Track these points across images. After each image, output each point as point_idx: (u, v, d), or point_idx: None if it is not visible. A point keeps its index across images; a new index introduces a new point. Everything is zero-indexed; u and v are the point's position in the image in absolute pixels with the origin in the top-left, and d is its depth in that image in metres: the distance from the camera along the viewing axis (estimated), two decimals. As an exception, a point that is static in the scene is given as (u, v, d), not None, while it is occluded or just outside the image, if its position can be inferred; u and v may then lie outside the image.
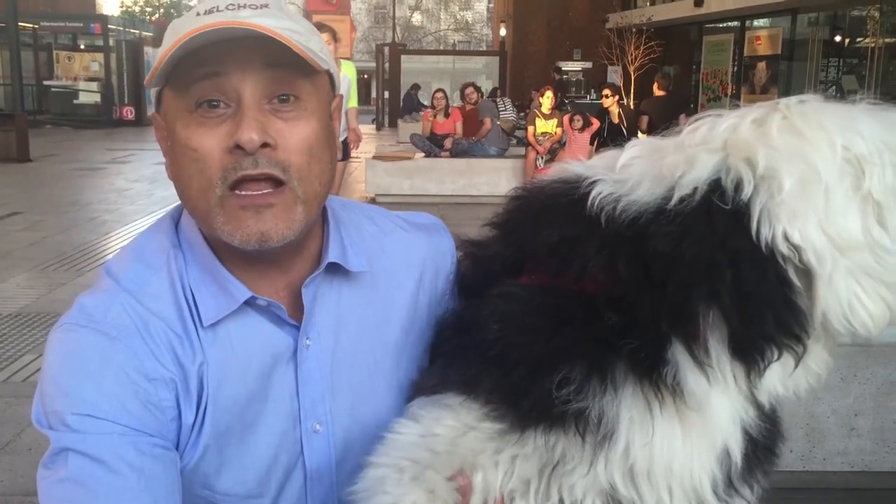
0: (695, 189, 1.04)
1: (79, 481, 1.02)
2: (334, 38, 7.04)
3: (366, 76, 48.76)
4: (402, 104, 25.42)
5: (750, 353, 1.03)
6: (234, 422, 1.14)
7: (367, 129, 26.76)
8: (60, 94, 25.38)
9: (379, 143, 20.49)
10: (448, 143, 12.19)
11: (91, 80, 25.59)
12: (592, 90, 24.88)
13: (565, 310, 1.09)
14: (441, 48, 48.25)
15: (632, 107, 14.50)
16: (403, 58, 28.72)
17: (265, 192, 1.07)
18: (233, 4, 1.07)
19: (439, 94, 13.20)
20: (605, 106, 12.28)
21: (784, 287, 1.01)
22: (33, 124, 19.46)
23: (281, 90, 1.08)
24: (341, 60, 7.21)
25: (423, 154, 12.23)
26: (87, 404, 1.04)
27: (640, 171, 1.10)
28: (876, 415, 3.70)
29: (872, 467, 3.75)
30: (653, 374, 1.05)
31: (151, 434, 1.07)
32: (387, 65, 29.18)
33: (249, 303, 1.14)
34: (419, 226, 1.39)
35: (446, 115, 12.93)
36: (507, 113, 15.06)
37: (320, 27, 6.68)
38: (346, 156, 7.68)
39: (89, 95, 25.29)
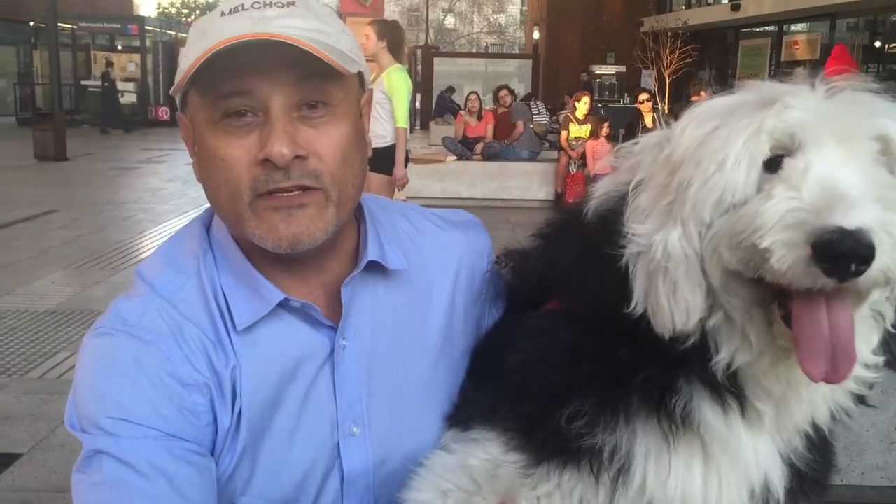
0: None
1: (112, 485, 1.01)
2: (382, 34, 6.50)
3: (398, 78, 48.85)
4: (434, 106, 25.42)
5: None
6: (270, 425, 1.13)
7: (398, 131, 26.82)
8: (97, 94, 25.74)
9: (411, 145, 20.51)
10: (479, 146, 12.16)
11: (127, 80, 25.92)
12: (626, 94, 24.71)
13: (581, 340, 1.07)
14: (474, 51, 48.20)
15: (666, 111, 14.37)
16: (436, 60, 28.71)
17: (297, 192, 1.06)
18: (258, 3, 1.05)
19: (473, 97, 13.19)
20: (641, 110, 12.17)
21: None
22: (70, 124, 19.73)
23: (310, 97, 1.06)
24: (396, 67, 6.74)
25: (455, 157, 12.21)
26: (122, 408, 1.03)
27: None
28: (917, 429, 3.62)
29: (913, 482, 3.65)
30: (663, 405, 1.01)
31: (186, 439, 1.06)
32: (419, 67, 29.20)
33: (283, 305, 1.12)
34: (455, 223, 1.36)
35: (479, 117, 12.91)
36: (541, 116, 15.01)
37: (370, 23, 6.51)
38: (387, 170, 6.87)
39: (126, 95, 25.59)
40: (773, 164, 0.93)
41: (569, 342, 1.08)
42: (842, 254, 0.83)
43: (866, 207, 0.85)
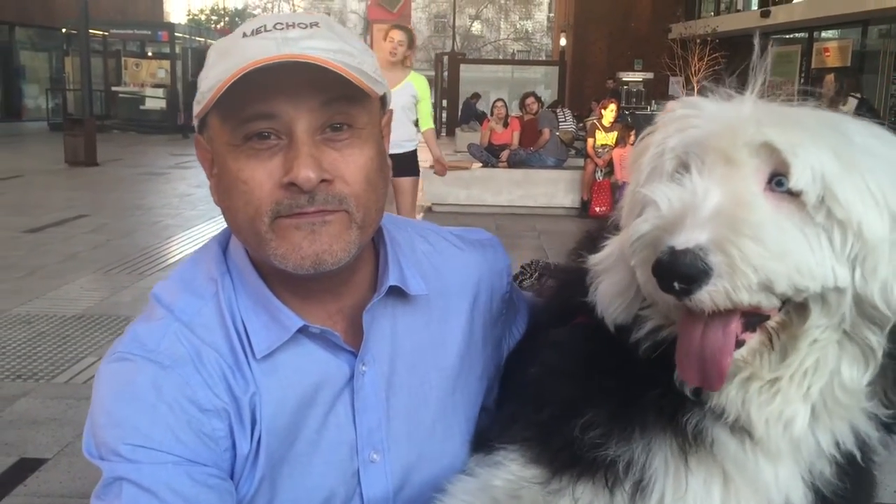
0: None
1: None
2: (411, 43, 6.58)
3: (425, 85, 49.03)
4: (460, 113, 25.44)
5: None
6: (290, 452, 1.11)
7: (424, 137, 26.89)
8: (128, 100, 26.03)
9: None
10: (505, 154, 12.13)
11: (157, 86, 26.20)
12: (653, 101, 24.56)
13: (598, 353, 1.06)
14: (500, 57, 48.21)
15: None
16: (462, 67, 28.77)
17: (320, 209, 1.04)
18: (280, 24, 1.03)
19: (499, 104, 13.17)
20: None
21: None
22: (101, 129, 19.94)
23: (334, 119, 1.04)
24: (412, 72, 6.76)
25: (480, 164, 12.19)
26: (140, 434, 1.02)
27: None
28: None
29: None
30: (676, 420, 1.00)
31: (206, 464, 1.04)
32: (445, 74, 29.24)
33: (302, 331, 1.11)
34: (473, 242, 1.34)
35: (505, 124, 12.88)
36: (567, 124, 14.95)
37: (398, 28, 6.54)
38: (416, 171, 7.22)
39: (155, 101, 25.86)
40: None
41: (587, 354, 1.08)
42: (665, 272, 0.86)
43: (706, 227, 0.86)
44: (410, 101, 6.67)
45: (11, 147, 20.34)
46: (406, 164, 6.64)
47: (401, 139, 6.49)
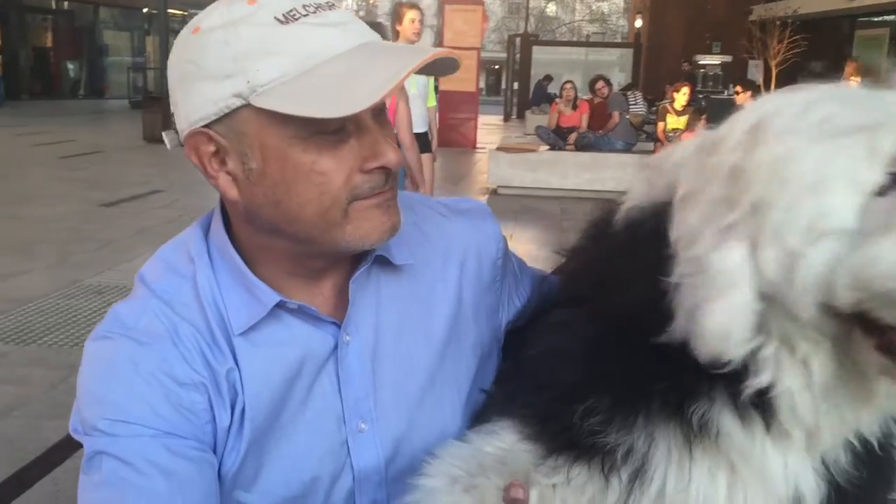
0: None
1: (112, 484, 1.02)
2: (422, 19, 6.42)
3: (497, 66, 48.76)
4: (531, 95, 25.28)
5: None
6: (276, 424, 1.13)
7: (494, 119, 26.83)
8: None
9: (505, 134, 20.48)
10: (573, 136, 12.01)
11: (233, 65, 26.70)
12: (731, 85, 23.99)
13: (603, 338, 1.03)
14: (575, 39, 47.65)
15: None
16: (535, 48, 28.55)
17: (391, 186, 1.09)
18: (309, 5, 1.02)
19: (568, 86, 13.04)
20: (738, 103, 11.79)
21: None
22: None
23: (379, 104, 1.05)
24: None
25: (547, 146, 12.10)
26: (119, 409, 1.04)
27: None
28: None
29: None
30: (681, 411, 0.97)
31: (184, 436, 1.06)
32: (517, 55, 29.07)
33: (282, 306, 1.12)
34: (460, 211, 1.34)
35: (574, 107, 12.75)
36: (637, 107, 14.71)
37: (413, 6, 6.48)
38: (430, 149, 7.12)
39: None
40: (882, 189, 0.83)
41: (591, 338, 1.05)
42: None
43: None
44: (427, 80, 6.64)
45: (94, 124, 21.05)
46: (424, 142, 6.65)
47: (421, 118, 6.49)
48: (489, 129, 22.11)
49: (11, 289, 6.17)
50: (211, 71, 1.00)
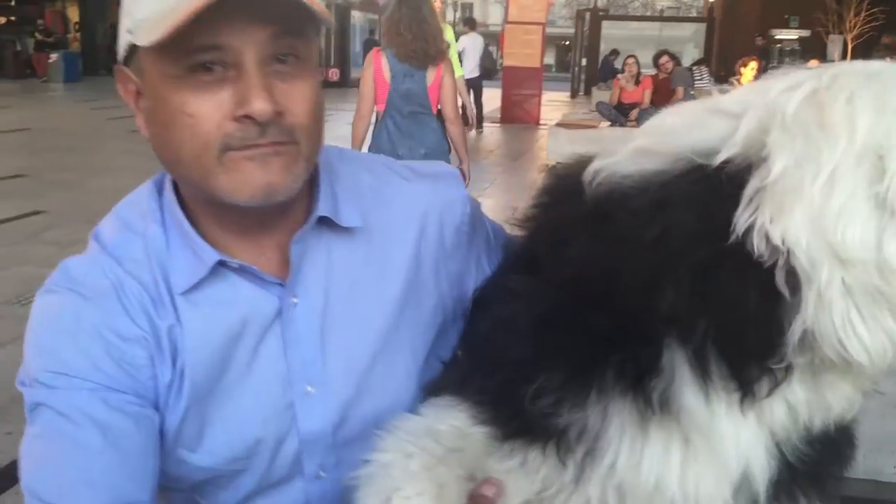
0: (684, 159, 0.89)
1: (49, 436, 1.04)
2: None
3: (566, 42, 48.03)
4: (599, 71, 24.86)
5: (737, 374, 0.88)
6: (218, 384, 1.13)
7: (562, 96, 26.47)
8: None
9: (571, 110, 20.20)
10: (634, 113, 11.78)
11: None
12: (809, 60, 23.11)
13: (555, 307, 0.98)
14: (649, 14, 46.59)
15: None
16: (605, 24, 28.01)
17: (273, 141, 1.03)
18: None
19: (630, 61, 12.77)
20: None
21: (766, 297, 0.83)
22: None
23: (281, 50, 1.02)
24: None
25: (608, 123, 11.90)
26: (60, 362, 1.06)
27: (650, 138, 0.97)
28: None
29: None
30: (640, 385, 0.92)
31: (124, 391, 1.07)
32: (586, 30, 28.56)
33: (226, 265, 1.12)
34: (424, 174, 1.30)
35: (637, 82, 12.50)
36: (703, 83, 14.30)
37: None
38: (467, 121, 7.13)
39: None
40: None
41: (542, 308, 1.00)
42: None
43: None
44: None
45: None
46: None
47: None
48: (555, 105, 21.84)
49: (73, 256, 6.38)
50: (123, 9, 1.05)
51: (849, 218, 0.80)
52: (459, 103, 6.23)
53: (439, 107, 5.30)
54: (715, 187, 0.85)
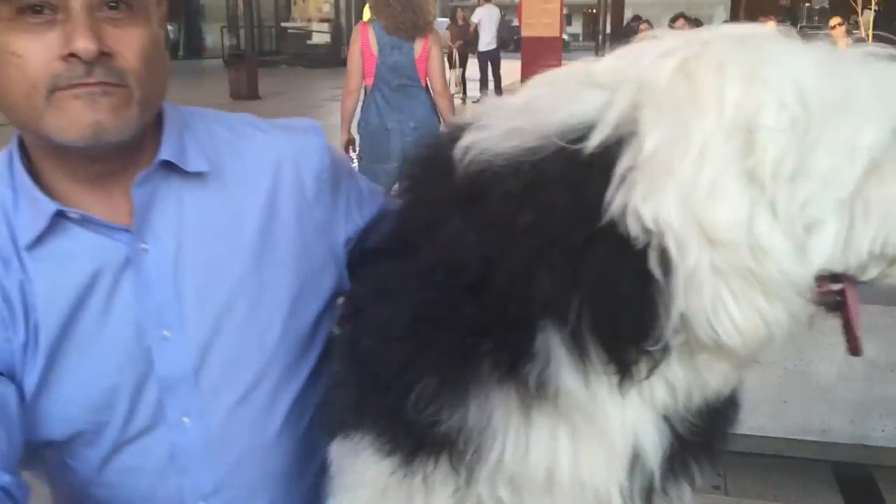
0: (553, 135, 0.84)
1: None
2: None
3: (593, 11, 47.37)
4: (622, 38, 24.51)
5: (614, 356, 0.86)
6: (72, 335, 1.13)
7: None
8: (296, 36, 27.03)
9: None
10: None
11: (323, 20, 27.00)
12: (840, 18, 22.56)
13: (424, 302, 0.94)
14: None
15: (869, 37, 12.97)
16: (628, -11, 27.52)
17: (101, 81, 1.04)
18: None
19: (644, 26, 12.58)
20: (834, 37, 11.09)
21: (639, 279, 0.80)
22: (270, 64, 20.80)
23: None
24: None
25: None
26: None
27: (516, 111, 0.92)
28: None
29: None
30: (515, 371, 0.89)
31: None
32: (610, -2, 28.10)
33: (65, 216, 1.12)
34: (282, 127, 1.32)
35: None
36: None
37: None
38: None
39: (321, 36, 26.71)
40: None
41: (414, 302, 0.96)
42: None
43: None
44: None
45: (189, 82, 21.57)
46: None
47: None
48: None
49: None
50: None
51: (719, 196, 0.77)
52: (448, 76, 6.18)
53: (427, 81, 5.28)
54: (589, 166, 0.82)
